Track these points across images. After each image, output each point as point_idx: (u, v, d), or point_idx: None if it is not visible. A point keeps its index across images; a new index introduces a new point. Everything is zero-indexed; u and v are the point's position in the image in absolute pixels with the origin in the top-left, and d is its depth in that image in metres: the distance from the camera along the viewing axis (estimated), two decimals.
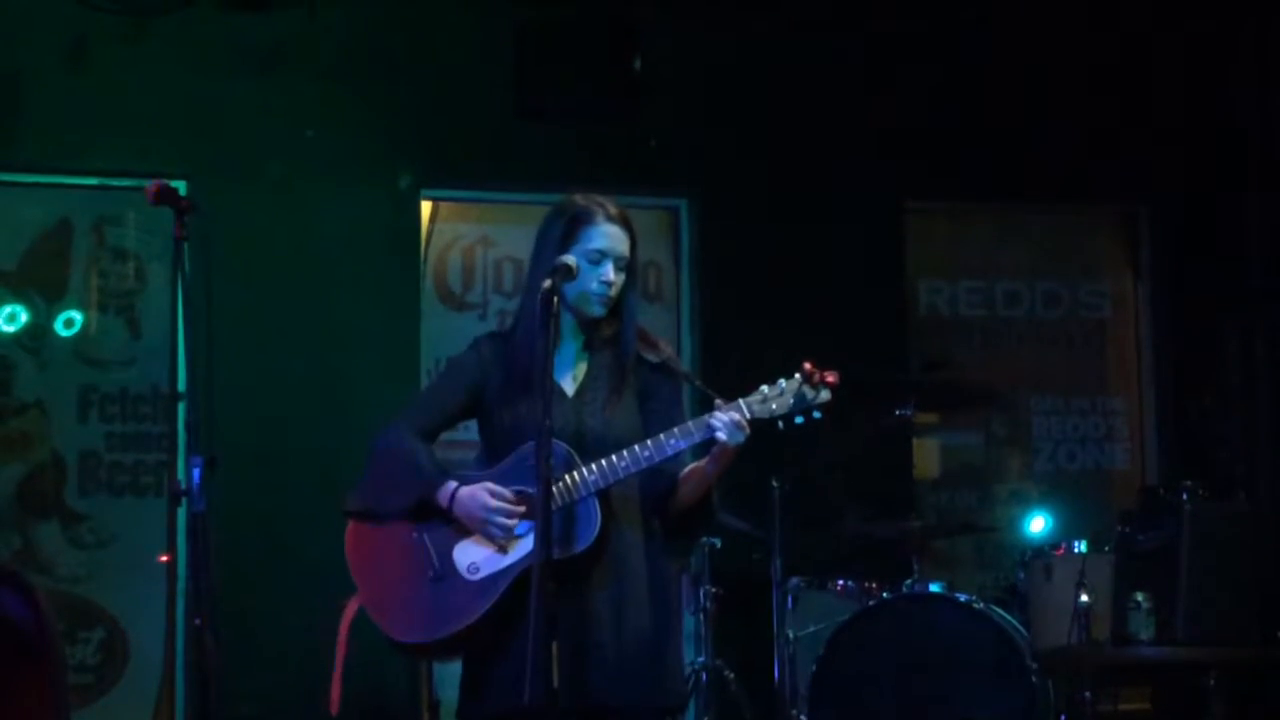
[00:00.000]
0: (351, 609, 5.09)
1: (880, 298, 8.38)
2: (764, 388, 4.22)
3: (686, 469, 4.42)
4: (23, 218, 7.89)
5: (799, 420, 4.19)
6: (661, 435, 4.25)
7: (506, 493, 4.37)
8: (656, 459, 4.26)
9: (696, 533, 4.57)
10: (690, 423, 4.25)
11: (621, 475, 4.26)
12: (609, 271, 4.43)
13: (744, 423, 4.19)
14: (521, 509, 4.35)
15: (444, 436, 4.65)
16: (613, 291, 4.43)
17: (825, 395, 4.18)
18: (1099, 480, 8.95)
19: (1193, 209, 8.66)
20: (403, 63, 8.04)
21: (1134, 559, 6.57)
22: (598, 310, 4.45)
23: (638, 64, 8.07)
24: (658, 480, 4.41)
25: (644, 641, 4.35)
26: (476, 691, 4.43)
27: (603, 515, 4.28)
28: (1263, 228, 8.67)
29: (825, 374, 4.18)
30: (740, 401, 4.21)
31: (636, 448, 4.26)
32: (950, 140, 8.40)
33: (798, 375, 4.21)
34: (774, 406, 4.18)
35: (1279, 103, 8.65)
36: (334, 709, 6.47)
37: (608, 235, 4.45)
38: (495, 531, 4.35)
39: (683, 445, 4.25)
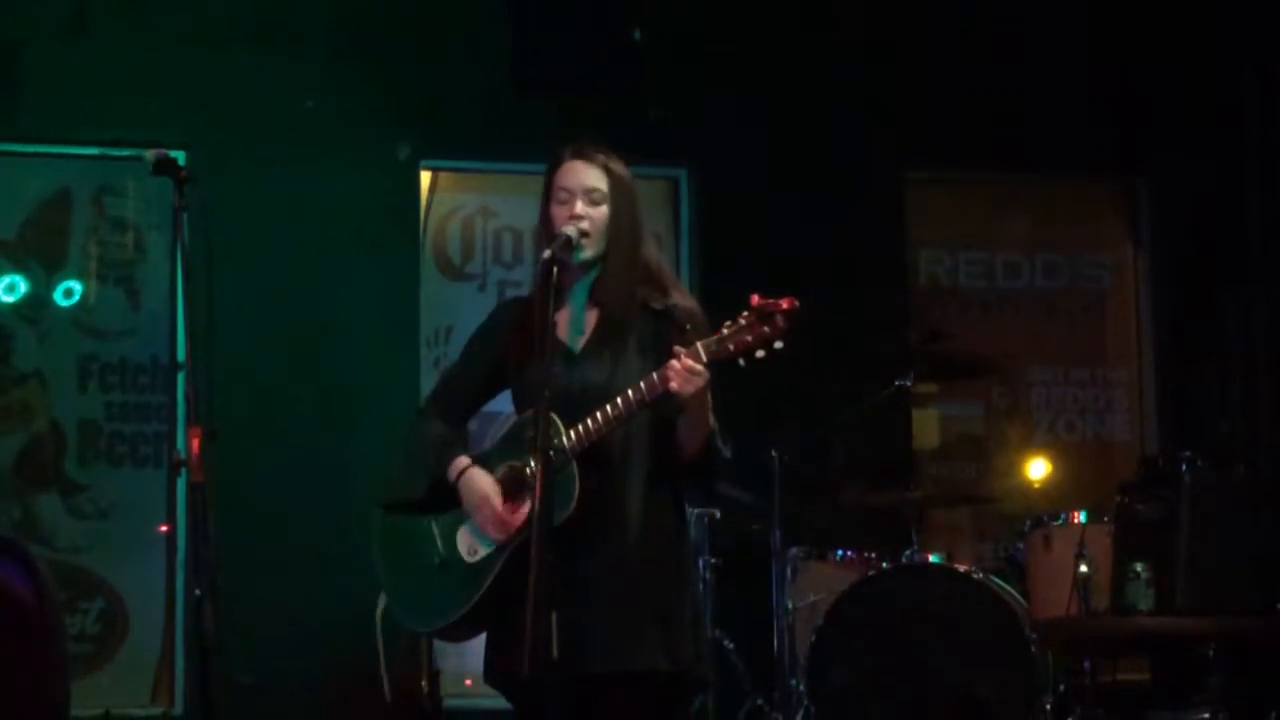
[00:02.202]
0: (382, 602, 5.09)
1: (880, 268, 8.37)
2: (724, 327, 4.10)
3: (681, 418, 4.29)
4: (22, 187, 7.89)
5: (760, 354, 4.05)
6: (629, 390, 4.18)
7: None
8: (626, 416, 4.18)
9: (707, 478, 4.48)
10: (654, 373, 4.16)
11: (596, 437, 4.19)
12: (575, 206, 4.32)
13: (698, 368, 4.09)
14: (516, 521, 4.28)
15: None
16: (586, 225, 4.31)
17: (781, 324, 4.03)
18: (1098, 451, 8.95)
19: (1192, 180, 8.64)
20: (402, 33, 8.01)
21: (1133, 529, 6.56)
22: (584, 253, 4.32)
23: (637, 34, 8.06)
24: (664, 430, 4.32)
25: (640, 604, 4.25)
26: (489, 659, 4.42)
27: (595, 479, 4.21)
28: (1262, 198, 8.66)
29: (778, 303, 4.04)
30: (698, 345, 4.11)
31: (608, 407, 4.18)
32: (951, 111, 8.38)
33: (750, 311, 4.07)
34: (731, 346, 4.07)
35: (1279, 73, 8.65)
36: (386, 697, 6.54)
37: (568, 171, 4.37)
38: (482, 521, 4.32)
39: (649, 398, 4.16)
